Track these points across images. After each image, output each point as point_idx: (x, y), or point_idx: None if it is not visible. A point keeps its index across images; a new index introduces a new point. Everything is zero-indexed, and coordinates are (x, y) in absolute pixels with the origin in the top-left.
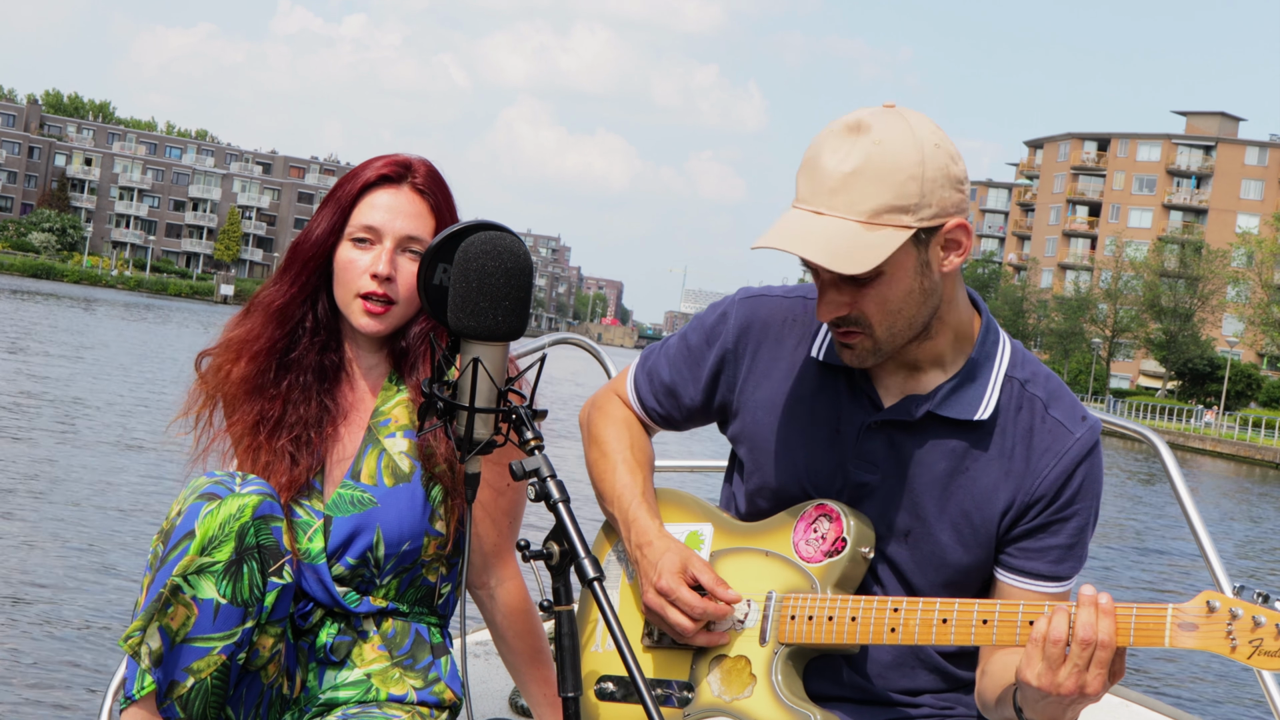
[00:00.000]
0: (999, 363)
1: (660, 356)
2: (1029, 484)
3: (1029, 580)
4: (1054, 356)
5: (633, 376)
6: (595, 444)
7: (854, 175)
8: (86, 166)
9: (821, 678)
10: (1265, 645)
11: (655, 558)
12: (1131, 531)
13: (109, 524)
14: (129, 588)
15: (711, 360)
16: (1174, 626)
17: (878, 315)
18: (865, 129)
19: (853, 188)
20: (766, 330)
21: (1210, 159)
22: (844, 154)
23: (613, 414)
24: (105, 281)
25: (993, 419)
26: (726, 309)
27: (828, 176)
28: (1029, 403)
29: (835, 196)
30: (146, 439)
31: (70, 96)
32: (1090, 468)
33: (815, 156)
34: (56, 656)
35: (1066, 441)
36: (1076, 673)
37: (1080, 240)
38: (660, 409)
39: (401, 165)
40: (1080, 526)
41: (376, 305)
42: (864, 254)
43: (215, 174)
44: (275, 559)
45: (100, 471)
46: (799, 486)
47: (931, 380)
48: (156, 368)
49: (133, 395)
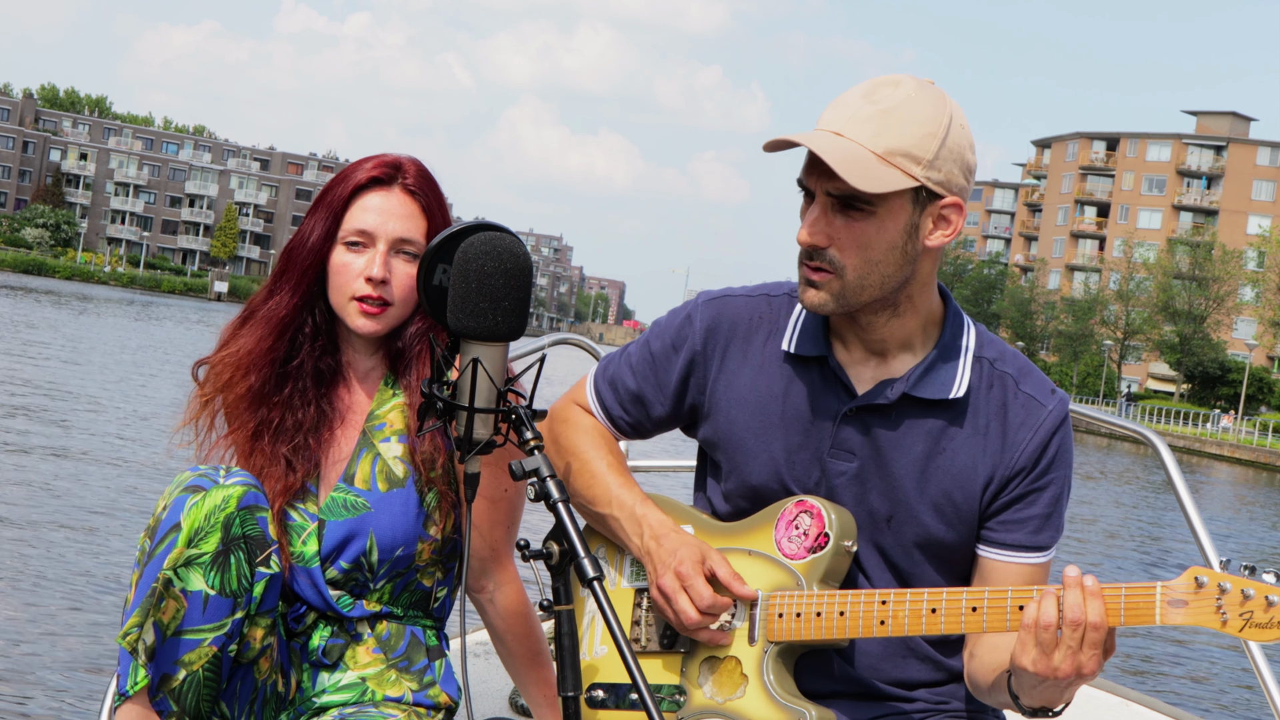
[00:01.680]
0: (966, 344)
1: (622, 365)
2: (1008, 457)
3: (1010, 552)
4: (1063, 359)
5: (593, 387)
6: (569, 454)
7: (881, 113)
8: (82, 162)
9: (814, 673)
10: (1256, 618)
11: (674, 546)
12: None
13: (110, 525)
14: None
15: (680, 364)
16: (1164, 604)
17: (854, 258)
18: (902, 84)
19: (877, 122)
20: (734, 329)
21: (1221, 159)
22: (876, 97)
23: (579, 423)
24: (98, 278)
25: (966, 397)
26: (690, 312)
27: (855, 109)
28: (1000, 379)
29: (858, 125)
30: (146, 442)
31: (66, 91)
32: (1063, 438)
33: (847, 94)
34: (56, 656)
35: (1040, 414)
36: (1071, 654)
37: (1089, 241)
38: (628, 417)
39: (391, 166)
40: (1056, 495)
41: (372, 306)
42: (872, 176)
43: (212, 170)
44: (262, 549)
45: (101, 471)
46: (778, 481)
47: (902, 365)
48: (138, 370)
49: (124, 401)
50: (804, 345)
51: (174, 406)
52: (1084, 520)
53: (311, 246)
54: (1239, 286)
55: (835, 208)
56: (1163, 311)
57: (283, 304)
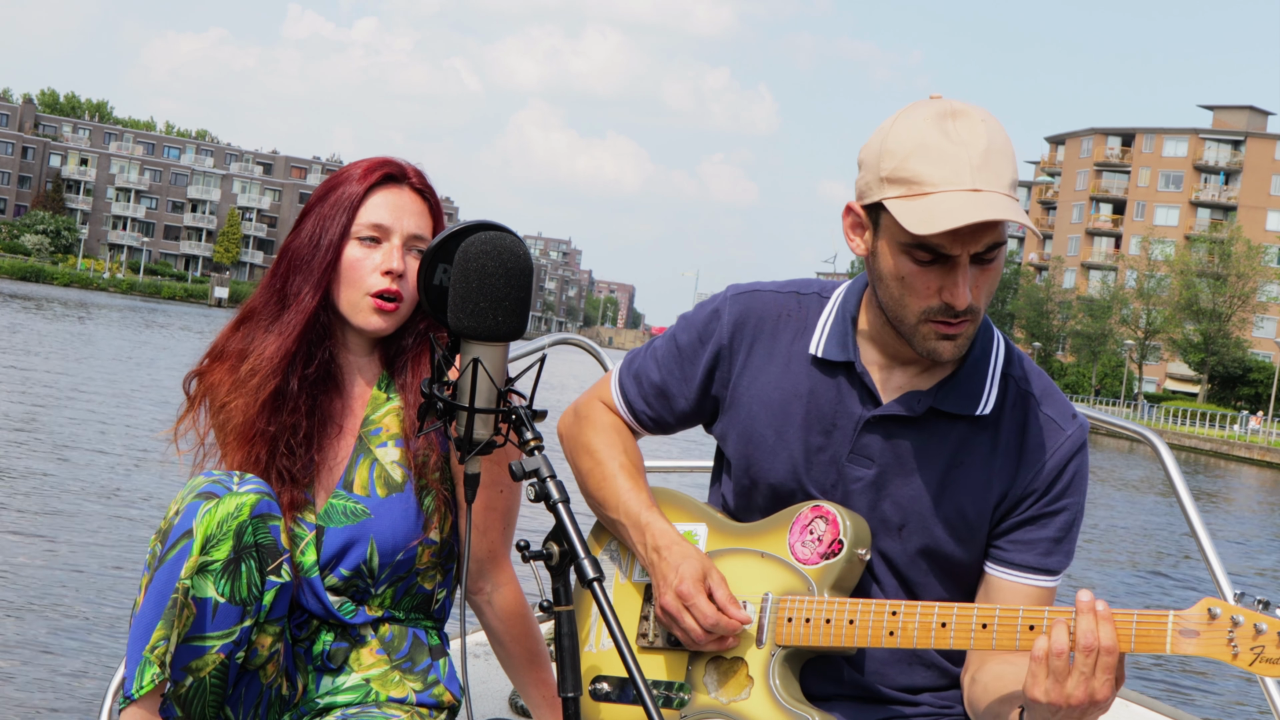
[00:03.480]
0: (995, 358)
1: (647, 359)
2: (1023, 478)
3: (1018, 573)
4: (1081, 359)
5: (618, 381)
6: (586, 452)
7: (989, 152)
8: (82, 167)
9: (820, 676)
10: (1267, 652)
11: (676, 561)
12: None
13: (111, 524)
14: (129, 587)
15: (706, 358)
16: (1175, 633)
17: (986, 299)
18: (964, 112)
19: (992, 163)
20: (761, 325)
21: (1239, 154)
22: (967, 135)
23: (600, 421)
24: (96, 285)
25: (992, 414)
26: (718, 306)
27: (965, 158)
28: (1023, 399)
29: (980, 174)
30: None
31: (67, 96)
32: (1080, 464)
33: (934, 144)
34: (56, 656)
35: (1059, 438)
36: (1084, 681)
37: (1104, 239)
38: (650, 411)
39: (399, 166)
40: (1068, 521)
41: (388, 303)
42: (1024, 215)
43: (215, 174)
44: (273, 558)
45: (102, 473)
46: (795, 481)
47: (930, 376)
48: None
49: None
50: (831, 350)
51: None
52: (1102, 534)
53: (329, 243)
54: (1262, 284)
55: (973, 261)
56: (1186, 310)
57: (305, 304)
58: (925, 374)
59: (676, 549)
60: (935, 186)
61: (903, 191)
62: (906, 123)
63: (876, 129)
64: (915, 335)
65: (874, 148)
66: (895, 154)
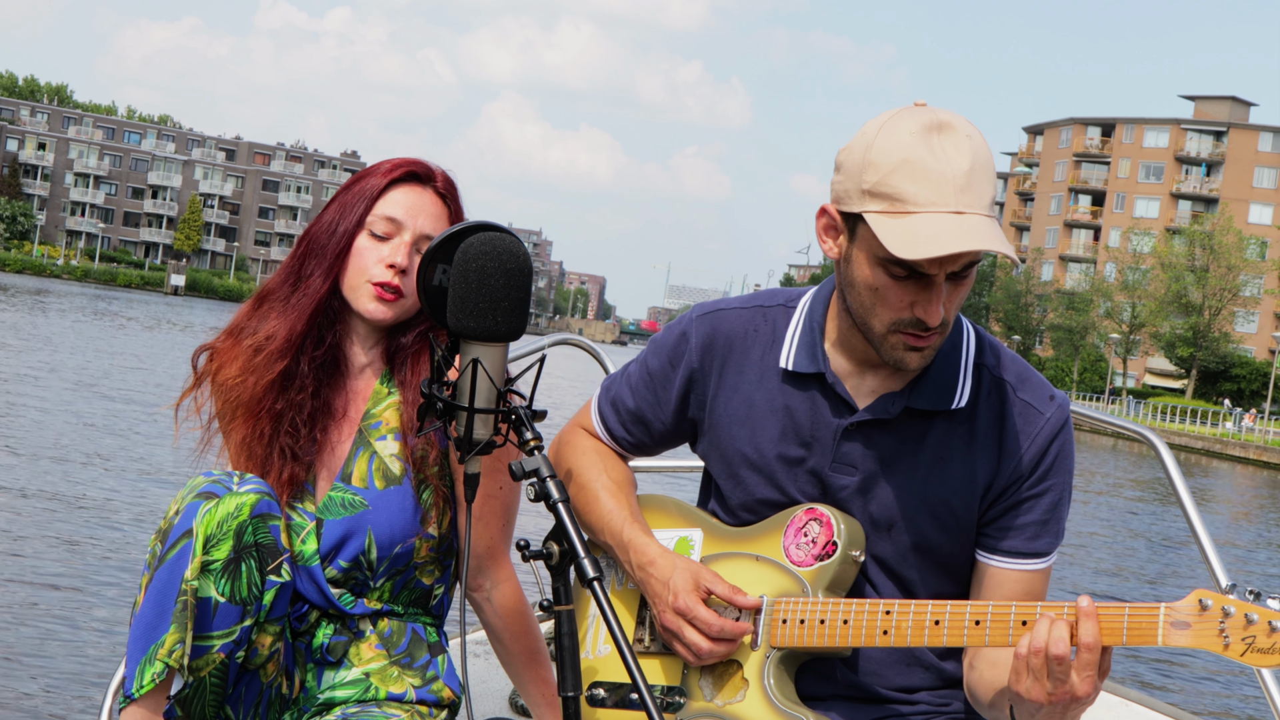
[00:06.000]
0: (967, 350)
1: (622, 385)
2: (1005, 466)
3: (1007, 559)
4: (1062, 354)
5: (597, 408)
6: (570, 479)
7: (972, 171)
8: (40, 152)
9: (816, 677)
10: (1258, 643)
11: (665, 576)
12: None
13: (111, 524)
14: (129, 587)
15: (679, 381)
16: (1167, 625)
17: (956, 309)
18: (949, 126)
19: (975, 184)
20: (731, 344)
21: (1221, 145)
22: (953, 151)
23: (581, 446)
24: (50, 271)
25: (968, 406)
26: (685, 328)
27: (950, 177)
28: (998, 387)
29: (964, 195)
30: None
31: (26, 79)
32: (1062, 444)
33: (918, 160)
34: (56, 656)
35: (1038, 422)
36: (1065, 676)
37: (1083, 231)
38: (630, 437)
39: (426, 168)
40: (1054, 502)
41: (388, 293)
42: (1005, 243)
43: (176, 160)
44: (273, 557)
45: (103, 474)
46: (782, 495)
47: (903, 376)
48: None
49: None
50: (801, 361)
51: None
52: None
53: (344, 231)
54: (1248, 278)
55: (948, 279)
56: (1174, 303)
57: (315, 287)
58: (897, 375)
59: (661, 562)
60: (919, 206)
61: (884, 207)
62: (891, 135)
63: (859, 133)
64: (883, 344)
65: (856, 156)
66: (879, 167)
